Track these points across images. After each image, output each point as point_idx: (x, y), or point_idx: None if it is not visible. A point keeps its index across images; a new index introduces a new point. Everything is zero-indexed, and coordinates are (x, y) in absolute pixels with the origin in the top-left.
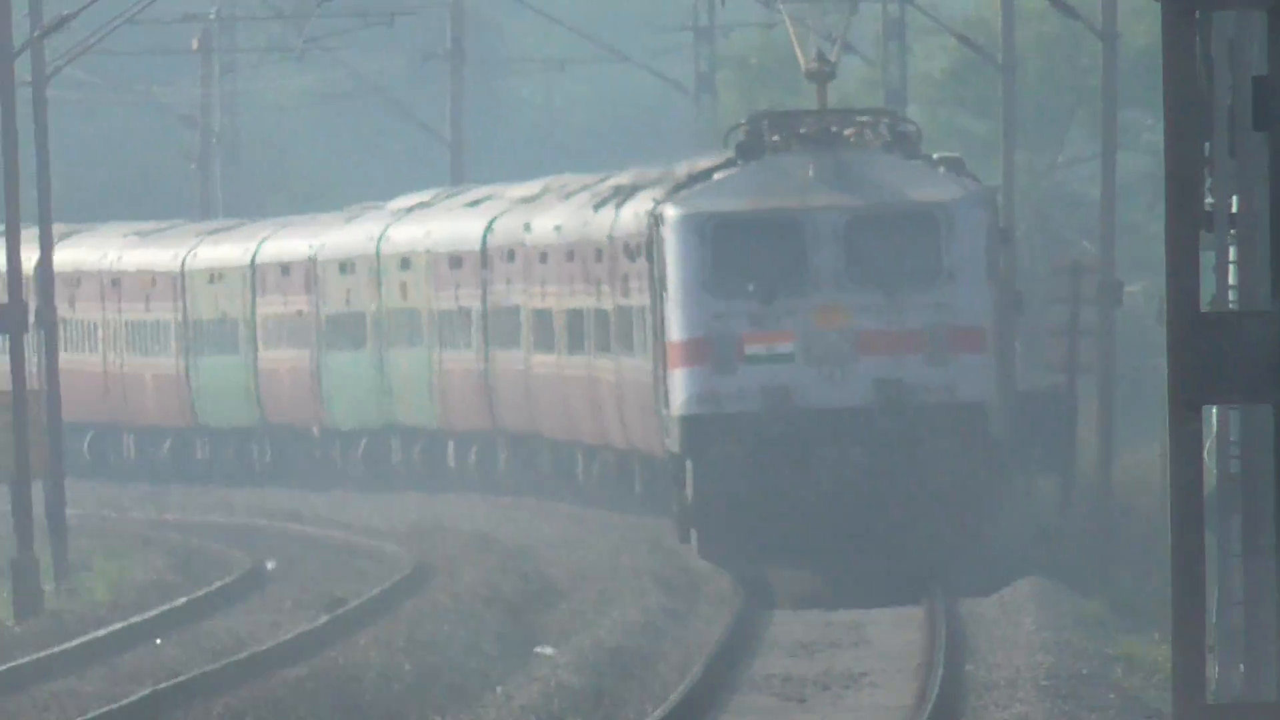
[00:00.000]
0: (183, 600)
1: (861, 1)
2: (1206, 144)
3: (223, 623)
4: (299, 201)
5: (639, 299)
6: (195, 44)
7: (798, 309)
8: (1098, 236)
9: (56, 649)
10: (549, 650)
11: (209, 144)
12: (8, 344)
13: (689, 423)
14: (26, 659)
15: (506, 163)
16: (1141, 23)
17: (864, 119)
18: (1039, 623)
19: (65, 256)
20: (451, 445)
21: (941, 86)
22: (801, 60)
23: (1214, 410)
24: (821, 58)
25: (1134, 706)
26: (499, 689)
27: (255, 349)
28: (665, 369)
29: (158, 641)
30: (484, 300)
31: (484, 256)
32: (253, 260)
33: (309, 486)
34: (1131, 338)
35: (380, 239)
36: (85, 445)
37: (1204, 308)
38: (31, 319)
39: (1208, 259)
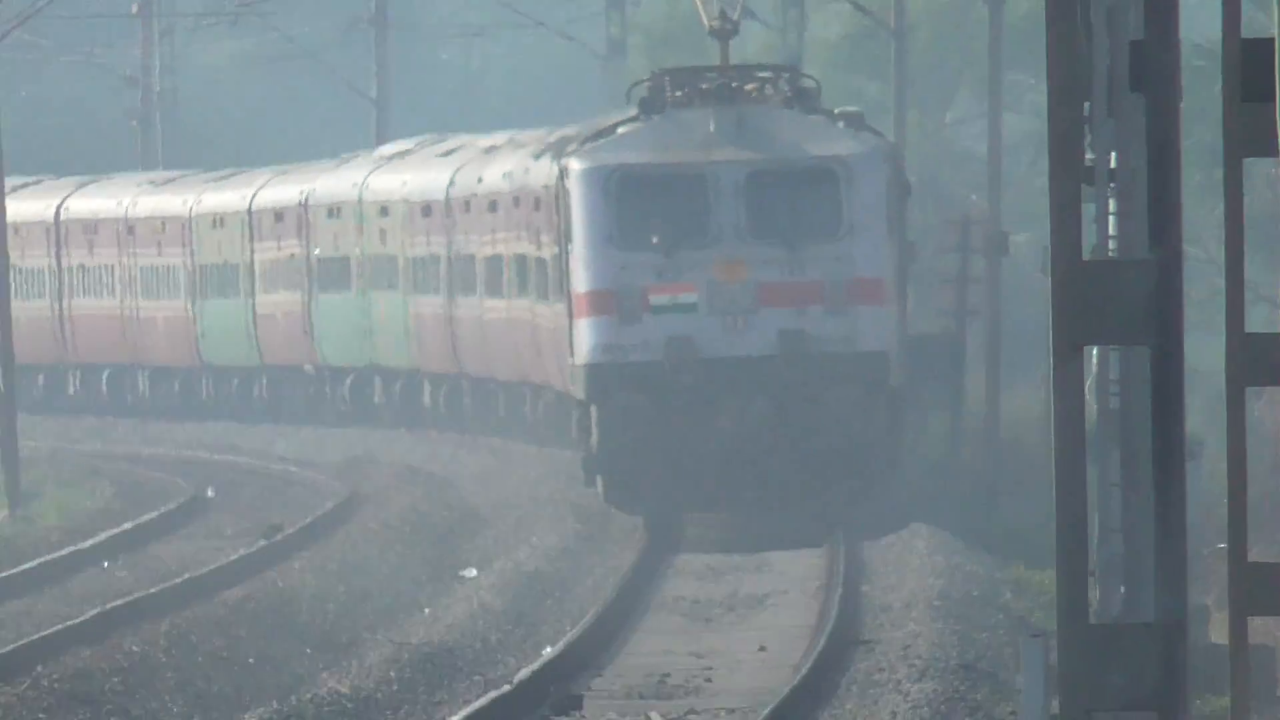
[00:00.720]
0: (131, 525)
1: None
2: (1086, 104)
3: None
4: (233, 158)
5: None
6: (136, 8)
7: (700, 261)
8: (985, 190)
9: (11, 571)
10: (472, 572)
11: (150, 103)
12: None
13: (594, 371)
14: None
15: (429, 123)
16: None
17: (765, 75)
18: (932, 549)
19: (83, 204)
20: (426, 385)
21: (837, 51)
22: (704, 19)
23: (1094, 351)
24: (724, 16)
25: (1020, 626)
26: (426, 610)
27: (254, 292)
28: (571, 319)
29: (106, 564)
30: (448, 247)
31: (448, 205)
32: (250, 206)
33: (302, 422)
34: (1016, 285)
35: (363, 186)
36: (104, 382)
37: (1085, 257)
38: None
39: (1088, 211)
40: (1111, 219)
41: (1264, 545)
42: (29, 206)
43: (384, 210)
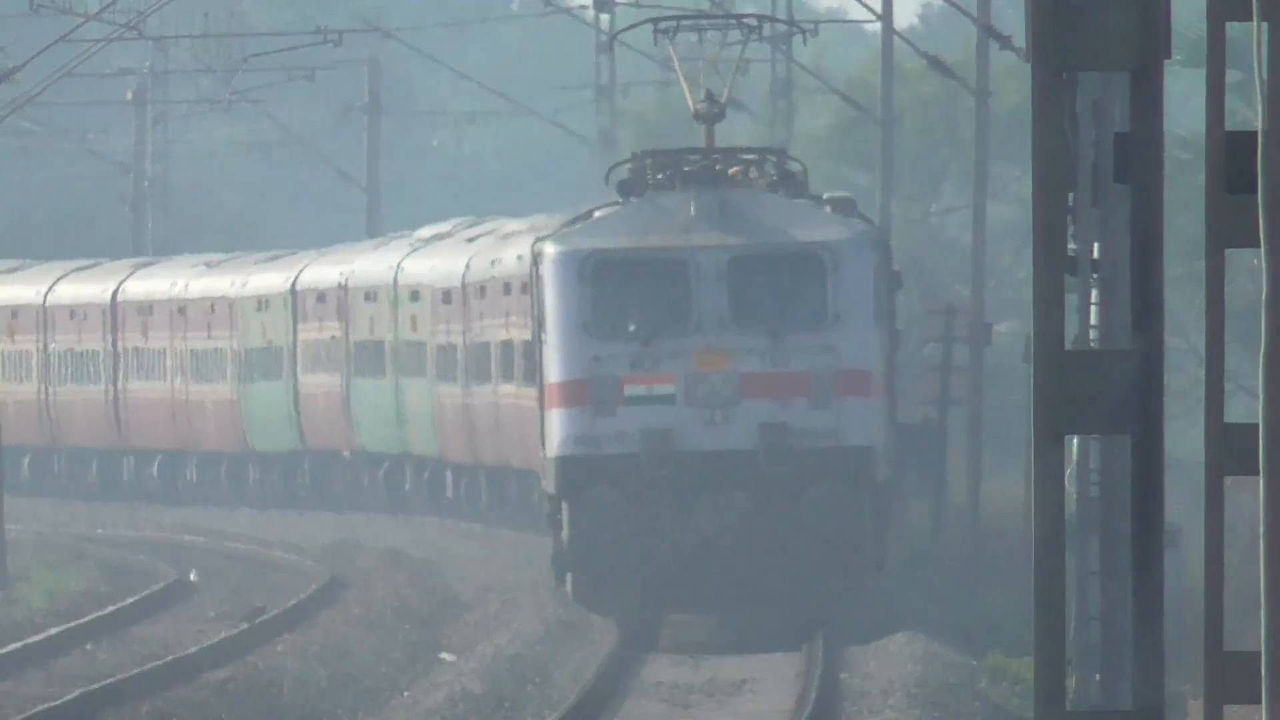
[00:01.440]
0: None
1: (751, 62)
2: (1071, 195)
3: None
4: (225, 244)
5: None
6: (130, 95)
7: (679, 350)
8: (969, 280)
9: None
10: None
11: (141, 188)
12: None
13: (565, 464)
14: None
15: (420, 209)
16: (1012, 82)
17: (749, 157)
18: (910, 636)
19: (139, 286)
20: (449, 475)
21: (825, 141)
22: (690, 101)
23: (1075, 440)
24: (710, 98)
25: (998, 714)
26: (406, 693)
27: (296, 374)
28: (543, 410)
29: (89, 646)
30: (464, 334)
31: (464, 291)
32: (293, 287)
33: (342, 509)
34: (999, 374)
35: (398, 269)
36: (155, 469)
37: (1068, 346)
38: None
39: (1071, 301)
40: (1094, 308)
41: (1241, 634)
42: (87, 290)
43: (414, 295)
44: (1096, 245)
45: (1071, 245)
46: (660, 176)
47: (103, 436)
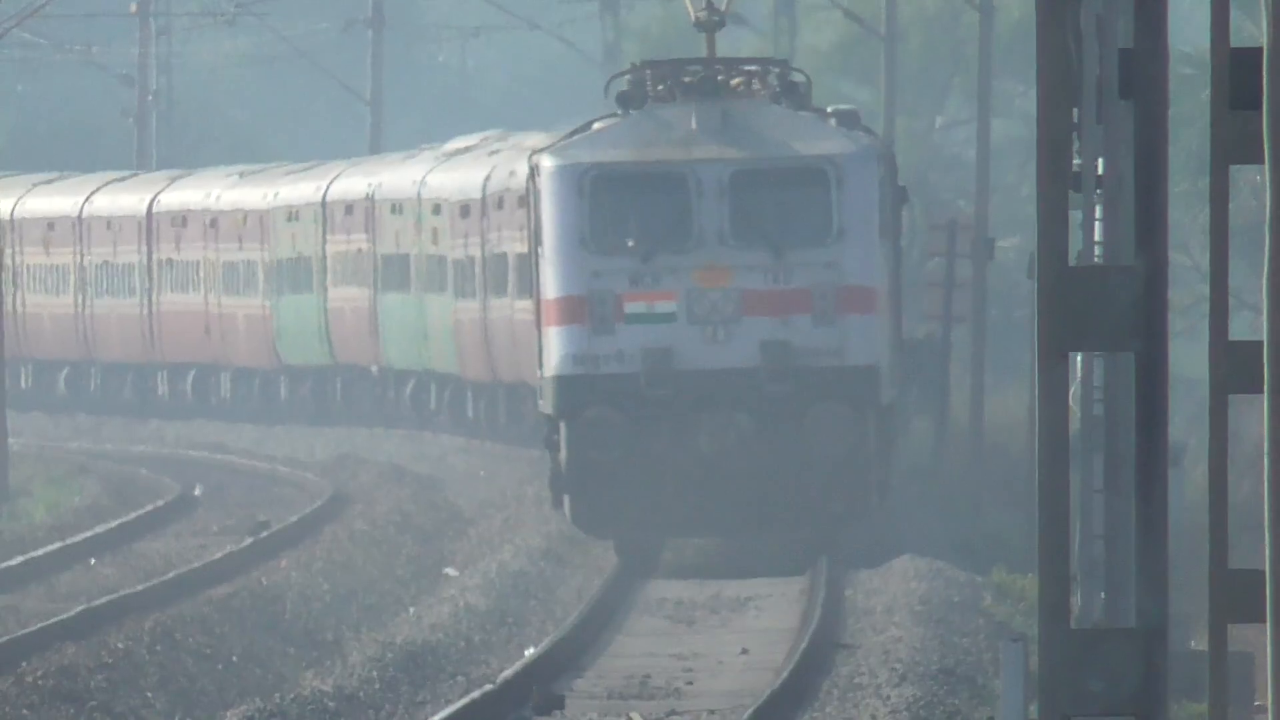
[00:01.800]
0: None
1: None
2: (1075, 110)
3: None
4: (229, 157)
5: None
6: (134, 8)
7: (679, 267)
8: (973, 195)
9: None
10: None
11: (145, 102)
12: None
13: (563, 384)
14: None
15: (424, 125)
16: None
17: (752, 68)
18: (914, 554)
19: (173, 198)
20: (469, 393)
21: (828, 57)
22: (691, 10)
23: (1079, 357)
24: (710, 7)
25: (1001, 630)
26: (411, 609)
27: (325, 288)
28: (540, 328)
29: (92, 561)
30: (482, 248)
31: (484, 204)
32: (324, 199)
33: (372, 424)
34: (1002, 291)
35: (421, 183)
36: (189, 384)
37: (1071, 262)
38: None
39: (1075, 217)
40: (1098, 225)
41: (1245, 552)
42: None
43: (436, 208)
44: (1101, 161)
45: (1076, 161)
46: (661, 88)
47: (138, 351)
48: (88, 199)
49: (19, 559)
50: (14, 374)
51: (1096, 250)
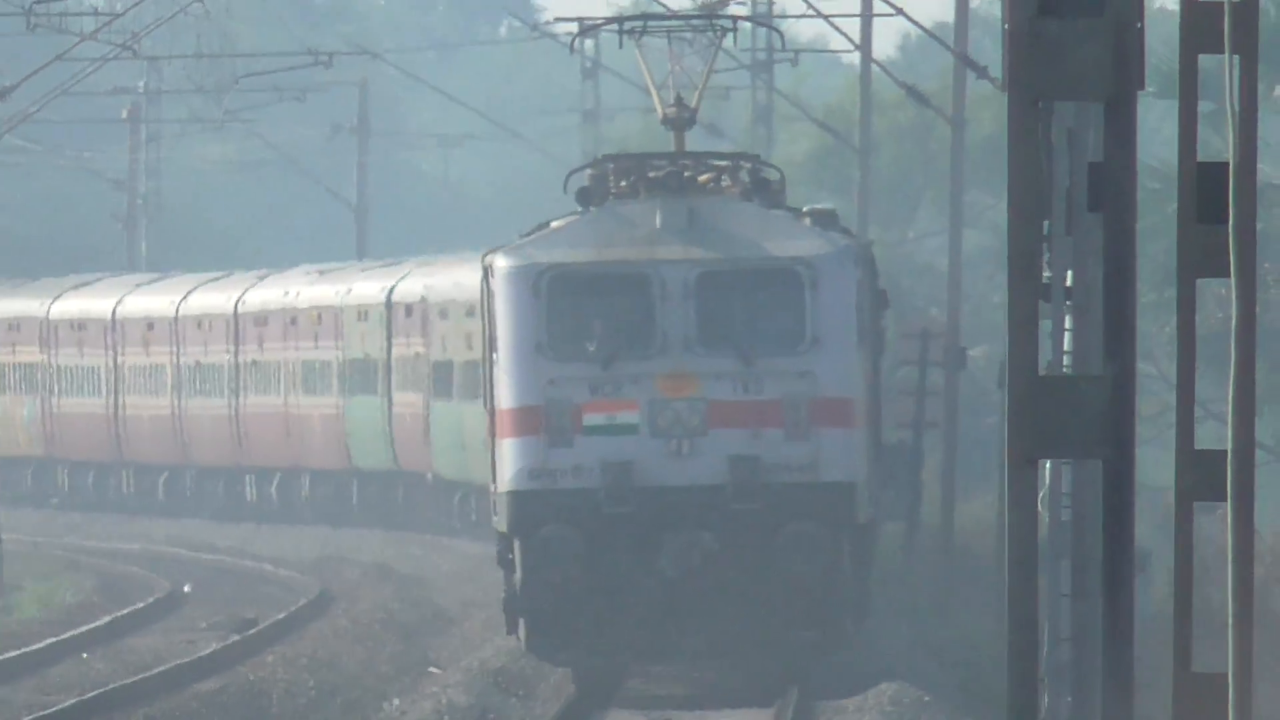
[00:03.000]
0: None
1: (731, 90)
2: (1045, 222)
3: (148, 642)
4: (216, 260)
5: None
6: (125, 114)
7: (642, 374)
8: (944, 304)
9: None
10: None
11: (135, 206)
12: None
13: (517, 499)
14: None
15: (409, 230)
16: (987, 110)
17: (721, 163)
18: (886, 656)
19: (255, 296)
20: (474, 499)
21: (803, 168)
22: (659, 107)
23: (1048, 464)
24: (680, 103)
25: None
26: (395, 705)
27: (390, 391)
28: (494, 439)
29: (84, 655)
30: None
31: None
32: (389, 299)
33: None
34: (973, 398)
35: (458, 284)
36: (273, 487)
37: (1041, 371)
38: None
39: (1045, 327)
40: (1067, 334)
41: (1208, 656)
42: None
43: (470, 310)
44: (1070, 272)
45: (1046, 272)
46: (624, 184)
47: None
48: (184, 299)
49: (14, 652)
50: (117, 477)
51: (1066, 359)
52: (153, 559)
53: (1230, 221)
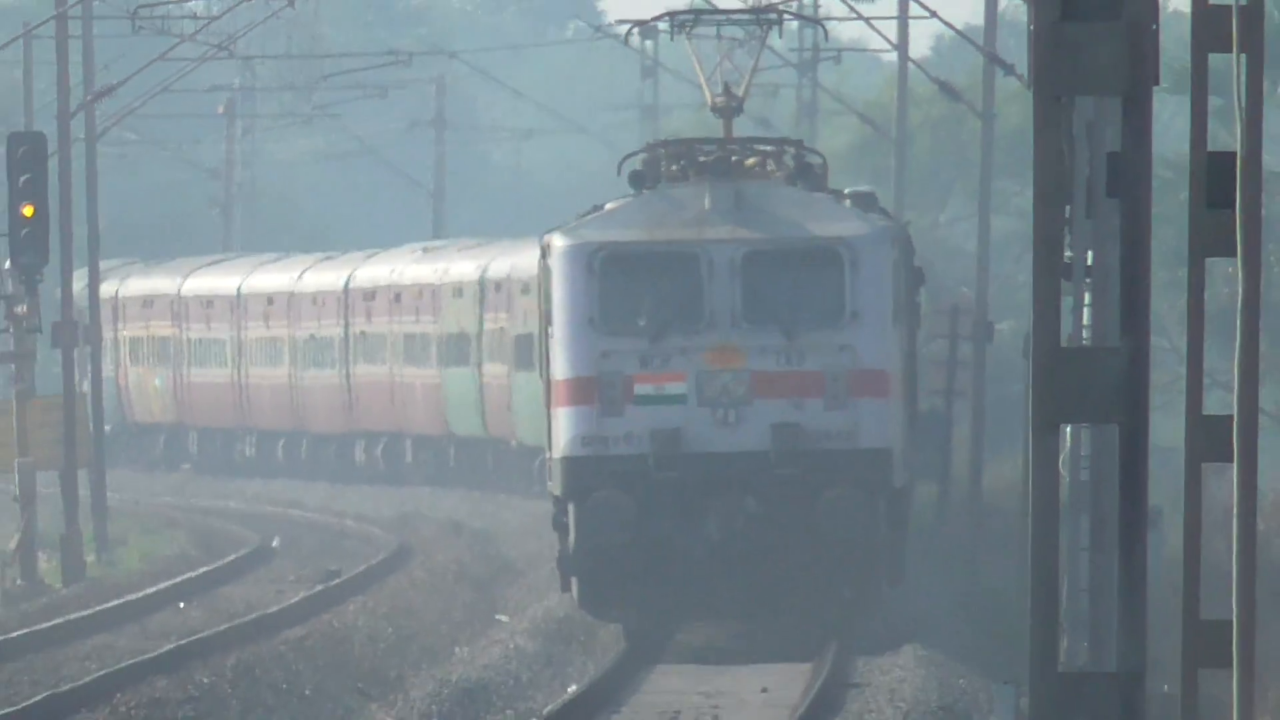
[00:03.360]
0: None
1: (780, 88)
2: (1067, 208)
3: (239, 590)
4: (304, 243)
5: None
6: (221, 109)
7: (690, 348)
8: (974, 283)
9: (96, 609)
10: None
11: (230, 193)
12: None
13: (572, 465)
14: (71, 618)
15: (481, 216)
16: (1014, 105)
17: (767, 148)
18: (918, 606)
19: (364, 273)
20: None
21: (844, 158)
22: (708, 95)
23: (1068, 428)
24: (728, 91)
25: (997, 673)
26: (466, 651)
27: (481, 363)
28: (549, 408)
29: (181, 605)
30: None
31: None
32: (481, 277)
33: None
34: (999, 368)
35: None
36: (379, 451)
37: (1063, 344)
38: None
39: (1066, 303)
40: (1087, 310)
41: (1215, 605)
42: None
43: (525, 289)
44: (1090, 253)
45: (1067, 253)
46: (675, 168)
47: (339, 420)
48: (299, 277)
49: (116, 600)
50: (242, 442)
51: (1085, 333)
52: (244, 516)
53: (1237, 207)
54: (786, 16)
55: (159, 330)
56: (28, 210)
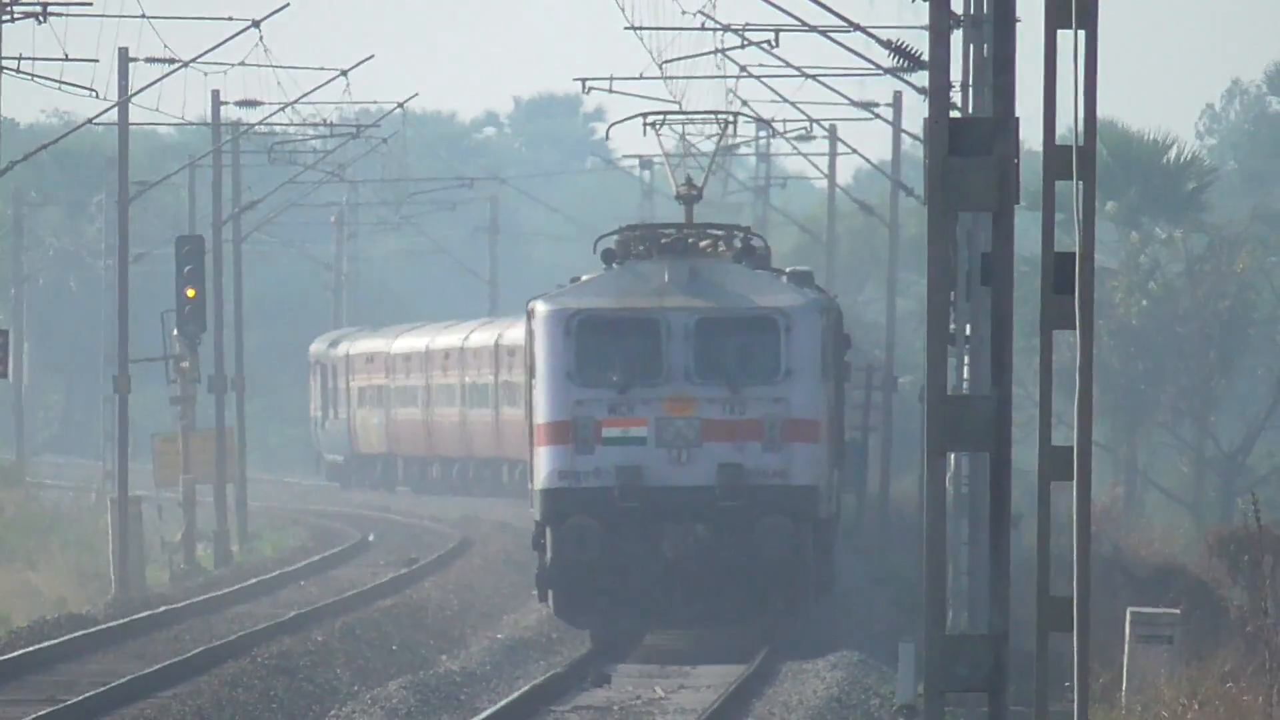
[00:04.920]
0: (318, 557)
1: (742, 206)
2: (952, 293)
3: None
4: (393, 318)
5: None
6: (333, 219)
7: (651, 398)
8: (884, 347)
9: (239, 586)
10: None
11: (339, 281)
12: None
13: (549, 496)
14: (221, 592)
15: (525, 298)
16: (913, 218)
17: (718, 233)
18: (841, 587)
19: (511, 335)
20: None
21: (789, 258)
22: (673, 185)
23: (953, 455)
24: (689, 183)
25: (899, 634)
26: (512, 617)
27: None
28: (531, 447)
29: (302, 583)
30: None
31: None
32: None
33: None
34: (902, 411)
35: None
36: (520, 473)
37: (949, 392)
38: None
39: (952, 363)
40: (966, 367)
41: (1060, 585)
42: (479, 337)
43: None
44: (969, 326)
45: (952, 325)
46: (641, 247)
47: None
48: (466, 338)
49: (254, 579)
50: (429, 468)
51: (965, 385)
52: (349, 518)
53: (1076, 292)
54: (743, 118)
55: (376, 380)
56: (190, 292)
